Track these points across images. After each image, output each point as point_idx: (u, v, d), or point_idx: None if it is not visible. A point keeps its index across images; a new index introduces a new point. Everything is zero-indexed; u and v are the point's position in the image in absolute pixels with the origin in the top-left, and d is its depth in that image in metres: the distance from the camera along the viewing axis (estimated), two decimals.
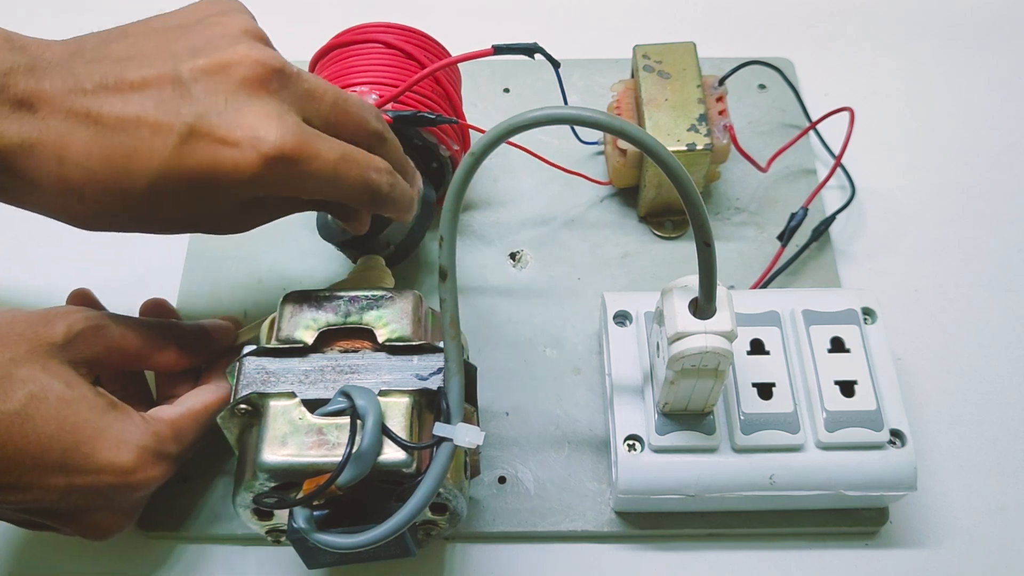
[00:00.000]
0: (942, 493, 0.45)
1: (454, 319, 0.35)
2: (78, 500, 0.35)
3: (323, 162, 0.34)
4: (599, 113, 0.31)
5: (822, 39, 0.61)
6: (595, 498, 0.44)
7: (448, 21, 0.55)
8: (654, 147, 0.32)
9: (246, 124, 0.33)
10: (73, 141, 0.32)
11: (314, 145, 0.34)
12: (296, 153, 0.33)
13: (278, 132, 0.33)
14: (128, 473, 0.35)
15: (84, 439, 0.34)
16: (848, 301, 0.43)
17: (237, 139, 0.32)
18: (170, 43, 0.35)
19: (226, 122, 0.33)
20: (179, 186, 0.33)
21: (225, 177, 0.33)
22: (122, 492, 0.36)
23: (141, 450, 0.36)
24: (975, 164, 0.56)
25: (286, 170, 0.33)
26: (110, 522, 0.38)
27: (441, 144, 0.46)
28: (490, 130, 0.32)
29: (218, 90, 0.33)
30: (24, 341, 0.34)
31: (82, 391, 0.35)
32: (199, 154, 0.33)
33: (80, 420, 0.34)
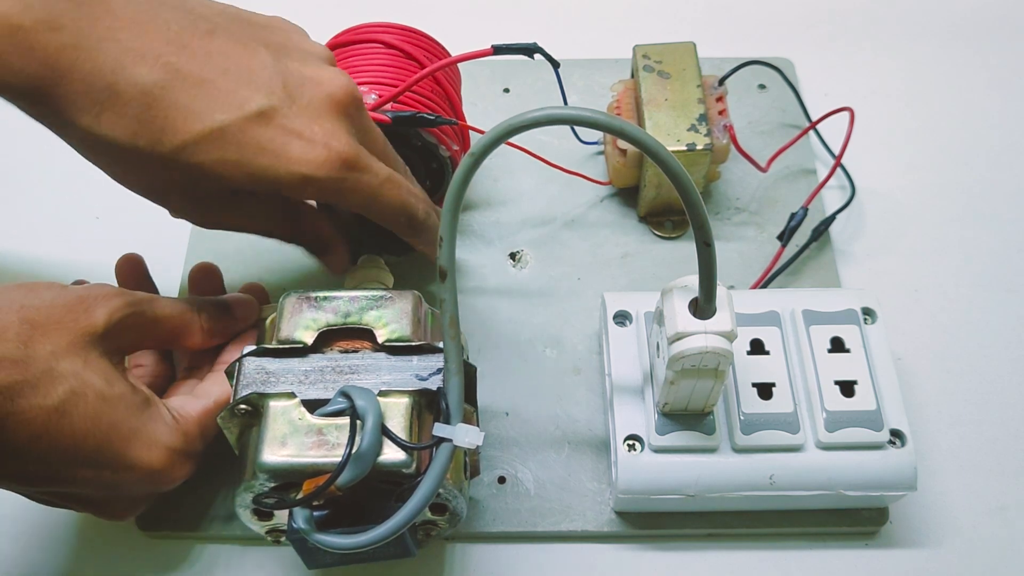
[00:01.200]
0: (942, 493, 0.45)
1: (454, 319, 0.35)
2: (102, 491, 0.36)
3: (373, 176, 0.37)
4: (599, 113, 0.31)
5: (822, 39, 0.61)
6: (595, 498, 0.44)
7: (448, 21, 0.55)
8: (654, 147, 0.32)
9: (321, 130, 0.36)
10: (140, 65, 0.33)
11: (370, 161, 0.37)
12: (356, 163, 0.36)
13: (347, 142, 0.36)
14: (157, 473, 0.36)
15: (118, 438, 0.34)
16: (848, 301, 0.43)
17: (310, 136, 0.35)
18: (260, 34, 0.37)
19: (304, 121, 0.35)
20: (227, 151, 0.34)
21: (285, 163, 0.35)
22: (147, 488, 0.36)
23: (171, 452, 0.36)
24: (975, 164, 0.55)
25: (342, 175, 0.36)
26: (127, 509, 0.38)
27: (441, 144, 0.46)
28: (490, 131, 0.32)
29: (307, 93, 0.36)
30: (65, 331, 0.34)
31: (121, 389, 0.35)
32: (268, 133, 0.35)
33: (117, 419, 0.34)
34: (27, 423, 0.32)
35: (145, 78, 0.33)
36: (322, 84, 0.36)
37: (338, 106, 0.36)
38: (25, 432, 0.32)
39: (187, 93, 0.33)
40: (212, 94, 0.34)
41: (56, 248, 0.52)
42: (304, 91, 0.36)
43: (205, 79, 0.34)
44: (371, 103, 0.44)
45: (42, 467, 0.33)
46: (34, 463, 0.33)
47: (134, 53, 0.33)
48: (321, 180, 0.36)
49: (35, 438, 0.32)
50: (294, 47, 0.37)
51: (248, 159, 0.34)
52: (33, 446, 0.32)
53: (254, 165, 0.35)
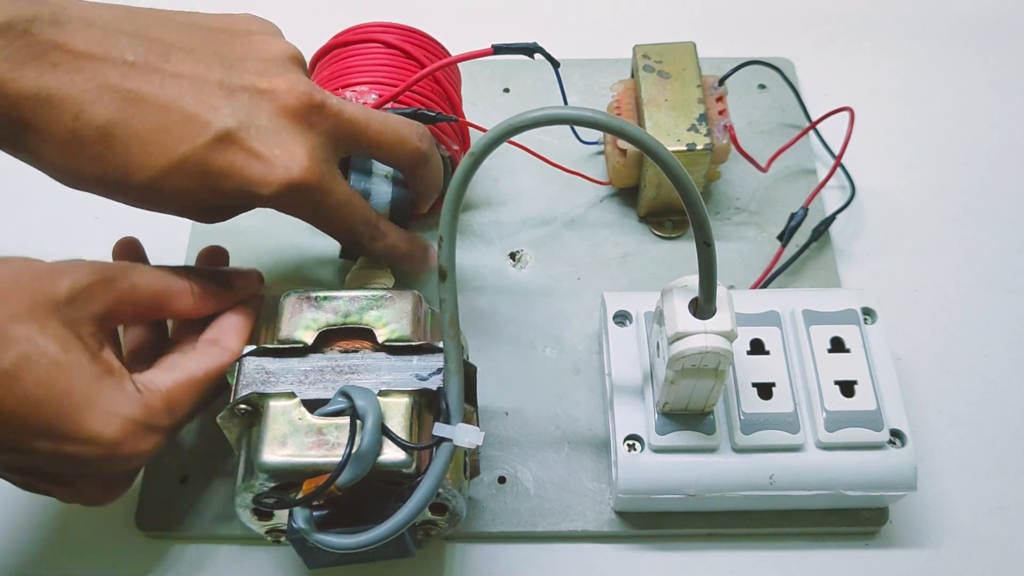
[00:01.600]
0: (942, 493, 0.45)
1: (453, 319, 0.35)
2: (66, 467, 0.35)
3: (332, 200, 0.38)
4: (599, 113, 0.31)
5: (822, 39, 0.61)
6: (595, 498, 0.44)
7: (448, 21, 0.55)
8: (654, 147, 0.32)
9: (281, 148, 0.36)
10: (97, 104, 0.33)
11: (331, 184, 0.38)
12: (315, 186, 0.37)
13: (307, 163, 0.36)
14: (114, 446, 0.34)
15: (72, 407, 0.33)
16: (848, 301, 0.43)
17: (270, 158, 0.35)
18: (218, 46, 0.37)
19: (264, 140, 0.36)
20: (193, 179, 0.35)
21: (247, 186, 0.36)
22: (109, 464, 0.35)
23: (129, 423, 0.34)
24: (975, 164, 0.55)
25: (301, 198, 0.37)
26: (101, 491, 0.37)
27: (441, 144, 0.46)
28: (490, 130, 0.32)
29: (263, 108, 0.36)
30: (26, 297, 0.33)
31: (77, 356, 0.34)
32: (228, 157, 0.35)
33: (70, 387, 0.33)
34: None
35: (102, 117, 0.33)
36: (277, 96, 0.36)
37: (297, 117, 0.36)
38: None
39: (145, 126, 0.34)
40: (170, 124, 0.34)
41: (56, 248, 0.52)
42: (261, 106, 0.36)
43: (163, 107, 0.34)
44: (371, 103, 0.44)
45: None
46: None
47: (90, 92, 0.33)
48: (281, 202, 0.37)
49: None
50: (252, 55, 0.37)
51: (214, 183, 0.35)
52: None
53: (221, 188, 0.36)
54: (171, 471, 0.44)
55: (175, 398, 0.37)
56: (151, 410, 0.36)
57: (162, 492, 0.44)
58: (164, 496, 0.44)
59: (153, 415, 0.36)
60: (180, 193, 0.36)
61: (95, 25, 0.34)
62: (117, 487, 0.38)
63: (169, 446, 0.39)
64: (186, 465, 0.45)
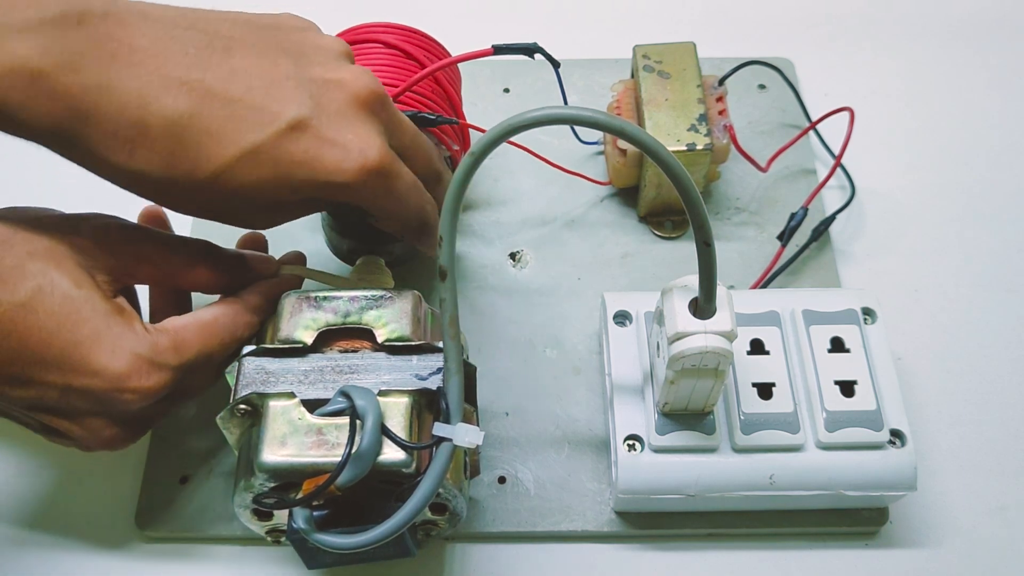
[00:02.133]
0: (942, 493, 0.45)
1: (454, 319, 0.35)
2: (77, 401, 0.35)
3: (403, 183, 0.38)
4: (599, 113, 0.31)
5: (822, 39, 0.61)
6: (595, 498, 0.44)
7: (448, 21, 0.55)
8: (654, 147, 0.32)
9: (354, 135, 0.36)
10: (164, 97, 0.33)
11: (400, 168, 0.38)
12: (389, 170, 0.37)
13: (381, 149, 0.36)
14: (120, 379, 0.34)
15: (82, 339, 0.34)
16: (848, 301, 0.43)
17: (346, 143, 0.35)
18: (277, 40, 0.36)
19: (336, 127, 0.35)
20: (265, 169, 0.34)
21: (322, 175, 0.35)
22: (116, 399, 0.35)
23: (135, 358, 0.35)
24: (975, 164, 0.55)
25: (376, 182, 0.36)
26: (111, 432, 0.37)
27: (441, 144, 0.46)
28: (490, 130, 0.32)
29: (333, 99, 0.36)
30: (46, 238, 0.34)
31: (89, 292, 0.35)
32: (302, 145, 0.35)
33: (80, 319, 0.34)
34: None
35: (171, 109, 0.33)
36: (346, 86, 0.36)
37: (365, 106, 0.36)
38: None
39: (215, 117, 0.33)
40: (241, 114, 0.34)
41: None
42: (331, 95, 0.36)
43: (232, 99, 0.34)
44: None
45: (14, 368, 0.33)
46: (5, 364, 0.33)
47: (156, 85, 0.33)
48: (357, 188, 0.36)
49: (5, 335, 0.32)
50: (311, 47, 0.37)
51: (286, 173, 0.35)
52: (3, 344, 0.32)
53: (293, 179, 0.35)
54: (171, 471, 0.44)
55: (183, 338, 0.37)
56: (157, 347, 0.36)
57: (162, 492, 0.44)
58: (164, 496, 0.44)
59: (159, 352, 0.36)
60: (250, 186, 0.35)
61: (150, 18, 0.33)
62: (129, 430, 0.38)
63: (181, 406, 0.39)
64: (186, 465, 0.45)
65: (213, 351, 0.38)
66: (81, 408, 0.36)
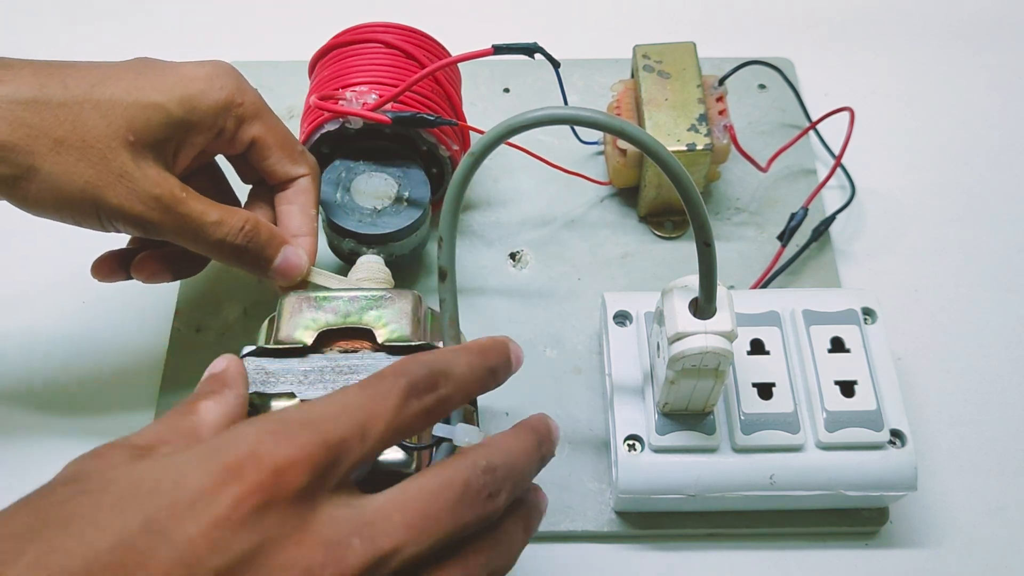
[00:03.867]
0: (942, 493, 0.45)
1: (453, 319, 0.35)
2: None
3: (195, 218, 0.39)
4: (598, 113, 0.31)
5: (822, 39, 0.61)
6: (595, 498, 0.44)
7: (448, 21, 0.55)
8: (653, 147, 0.32)
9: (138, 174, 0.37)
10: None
11: (191, 203, 0.39)
12: (170, 205, 0.38)
13: (152, 185, 0.38)
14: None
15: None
16: (848, 301, 0.43)
17: (126, 179, 0.37)
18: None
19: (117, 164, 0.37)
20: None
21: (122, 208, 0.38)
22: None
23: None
24: (975, 164, 0.55)
25: (161, 218, 0.38)
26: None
27: (441, 144, 0.46)
28: (489, 131, 0.32)
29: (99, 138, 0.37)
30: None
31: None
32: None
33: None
34: None
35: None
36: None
37: (132, 147, 0.37)
38: None
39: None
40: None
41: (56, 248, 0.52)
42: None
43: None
44: (371, 103, 0.44)
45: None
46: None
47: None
48: (147, 224, 0.38)
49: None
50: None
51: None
52: None
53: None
54: None
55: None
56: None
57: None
58: None
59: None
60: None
61: None
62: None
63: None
64: None
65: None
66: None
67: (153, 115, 0.37)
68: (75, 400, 0.47)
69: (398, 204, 0.46)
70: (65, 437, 0.46)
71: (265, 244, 0.40)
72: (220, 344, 0.48)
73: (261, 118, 0.41)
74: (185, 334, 0.49)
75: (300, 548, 0.24)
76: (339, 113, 0.44)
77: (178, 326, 0.49)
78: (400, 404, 0.27)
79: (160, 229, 0.38)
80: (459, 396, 0.30)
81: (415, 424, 0.28)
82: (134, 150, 0.37)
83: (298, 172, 0.43)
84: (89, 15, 0.63)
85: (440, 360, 0.29)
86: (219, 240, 0.39)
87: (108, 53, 0.61)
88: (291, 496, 0.24)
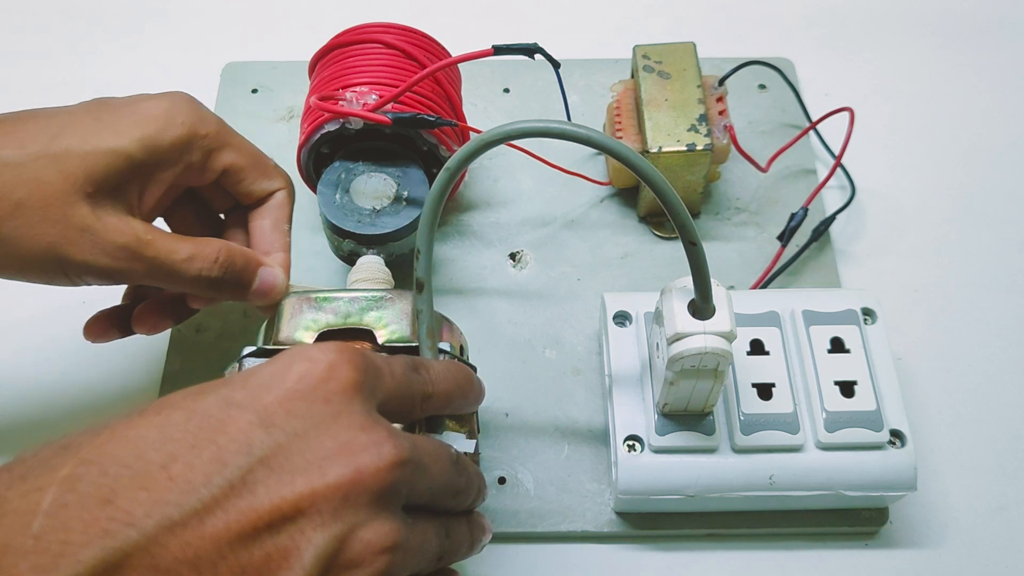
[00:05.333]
0: (942, 493, 0.45)
1: (431, 329, 0.36)
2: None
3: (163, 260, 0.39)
4: (565, 124, 0.32)
5: (822, 39, 0.61)
6: (595, 498, 0.44)
7: (448, 21, 0.55)
8: (620, 150, 0.32)
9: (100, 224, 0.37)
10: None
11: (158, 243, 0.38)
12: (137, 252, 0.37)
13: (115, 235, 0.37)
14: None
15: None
16: (848, 301, 0.43)
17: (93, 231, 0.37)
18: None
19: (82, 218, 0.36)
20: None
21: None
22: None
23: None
24: (975, 164, 0.55)
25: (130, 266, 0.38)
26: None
27: (441, 145, 0.46)
28: (464, 145, 0.33)
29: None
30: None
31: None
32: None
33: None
34: None
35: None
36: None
37: (91, 198, 0.36)
38: None
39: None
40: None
41: None
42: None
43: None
44: (371, 103, 0.44)
45: None
46: None
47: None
48: (116, 273, 0.37)
49: None
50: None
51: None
52: None
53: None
54: None
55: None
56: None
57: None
58: None
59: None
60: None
61: None
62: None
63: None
64: None
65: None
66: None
67: (112, 161, 0.36)
68: (75, 400, 0.48)
69: (397, 204, 0.46)
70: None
71: (241, 270, 0.39)
72: (220, 344, 0.48)
73: (229, 144, 0.40)
74: (185, 334, 0.49)
75: (364, 422, 0.28)
76: (339, 114, 0.44)
77: (178, 326, 0.49)
78: (406, 369, 0.31)
79: (132, 276, 0.37)
80: (442, 386, 0.33)
81: (415, 388, 0.32)
82: (93, 201, 0.35)
83: (273, 187, 0.42)
84: (89, 15, 0.63)
85: (420, 358, 0.35)
86: (195, 276, 0.38)
87: (108, 53, 0.61)
88: (349, 382, 0.28)
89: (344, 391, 0.28)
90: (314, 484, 0.26)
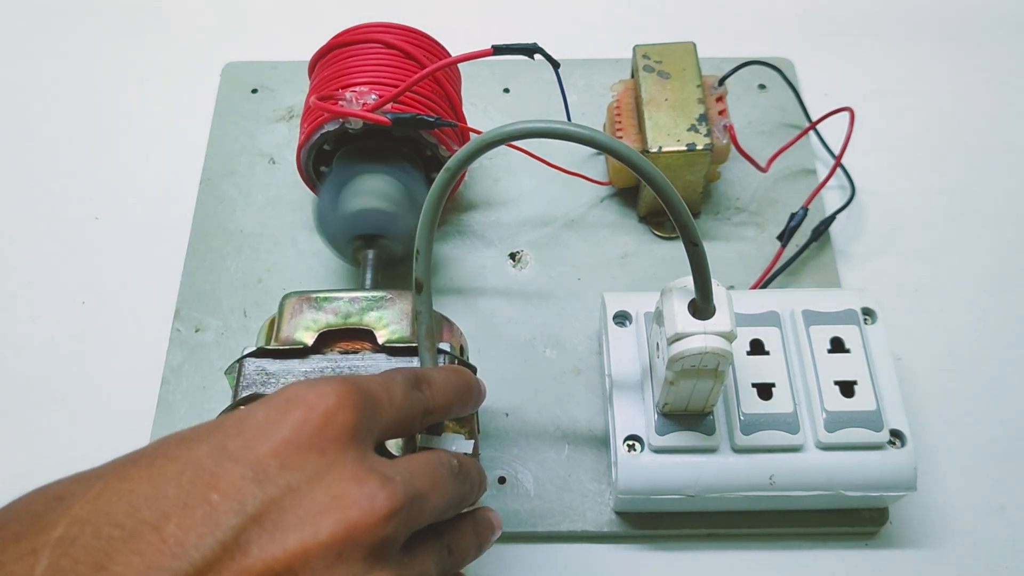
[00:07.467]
0: (942, 493, 0.45)
1: (430, 331, 0.36)
2: None
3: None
4: (562, 124, 0.32)
5: (822, 39, 0.61)
6: (595, 498, 0.44)
7: (448, 21, 0.55)
8: (622, 151, 0.32)
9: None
10: None
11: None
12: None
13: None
14: None
15: None
16: (848, 301, 0.43)
17: None
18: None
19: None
20: None
21: None
22: None
23: None
24: (975, 164, 0.55)
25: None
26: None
27: (441, 145, 0.46)
28: (464, 146, 0.33)
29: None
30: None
31: None
32: None
33: None
34: None
35: None
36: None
37: None
38: None
39: None
40: None
41: (55, 248, 0.52)
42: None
43: None
44: (371, 103, 0.44)
45: None
46: None
47: None
48: None
49: None
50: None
51: None
52: None
53: None
54: None
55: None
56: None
57: None
58: None
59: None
60: None
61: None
62: None
63: None
64: None
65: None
66: None
67: None
68: (75, 400, 0.48)
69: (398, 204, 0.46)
70: (65, 437, 0.46)
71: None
72: (220, 344, 0.48)
73: None
74: (185, 334, 0.49)
75: (357, 473, 0.27)
76: (339, 114, 0.44)
77: (178, 326, 0.49)
78: (407, 388, 0.31)
79: None
80: (442, 399, 0.32)
81: (416, 408, 0.31)
82: None
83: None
84: (89, 15, 0.63)
85: (420, 369, 0.33)
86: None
87: (108, 53, 0.61)
88: (345, 428, 0.27)
89: (339, 439, 0.27)
90: (307, 542, 0.25)
